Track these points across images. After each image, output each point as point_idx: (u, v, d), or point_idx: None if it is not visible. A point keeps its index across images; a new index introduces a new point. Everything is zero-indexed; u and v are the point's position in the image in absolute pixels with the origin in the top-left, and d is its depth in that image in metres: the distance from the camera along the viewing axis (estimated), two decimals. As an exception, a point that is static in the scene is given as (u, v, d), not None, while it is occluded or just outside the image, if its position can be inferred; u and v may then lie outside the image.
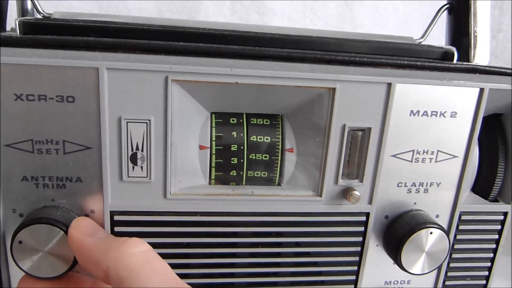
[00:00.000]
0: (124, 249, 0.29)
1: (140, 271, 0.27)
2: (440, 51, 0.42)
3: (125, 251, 0.29)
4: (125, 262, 0.28)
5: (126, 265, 0.28)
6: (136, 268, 0.28)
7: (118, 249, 0.29)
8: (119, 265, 0.28)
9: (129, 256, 0.28)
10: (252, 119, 0.37)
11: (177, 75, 0.32)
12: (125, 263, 0.28)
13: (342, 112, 0.35)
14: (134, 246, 0.29)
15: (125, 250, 0.29)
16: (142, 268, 0.28)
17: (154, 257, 0.29)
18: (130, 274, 0.27)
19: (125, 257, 0.28)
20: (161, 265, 0.29)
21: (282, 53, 0.35)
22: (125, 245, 0.29)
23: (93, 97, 0.32)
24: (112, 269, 0.28)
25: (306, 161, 0.37)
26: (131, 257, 0.28)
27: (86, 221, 0.33)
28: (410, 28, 0.85)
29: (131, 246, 0.29)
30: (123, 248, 0.29)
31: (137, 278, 0.27)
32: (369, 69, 0.35)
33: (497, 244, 0.43)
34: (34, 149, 0.32)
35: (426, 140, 0.37)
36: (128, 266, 0.28)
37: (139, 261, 0.28)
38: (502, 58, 0.88)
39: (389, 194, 0.39)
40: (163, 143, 0.34)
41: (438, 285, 0.43)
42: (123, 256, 0.28)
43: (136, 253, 0.29)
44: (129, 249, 0.29)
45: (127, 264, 0.28)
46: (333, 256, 0.40)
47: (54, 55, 0.31)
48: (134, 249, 0.29)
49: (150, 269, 0.28)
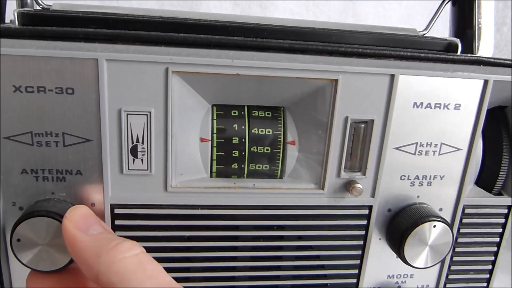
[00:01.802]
0: (116, 253, 0.28)
1: (132, 276, 0.27)
2: (444, 43, 0.41)
3: (116, 255, 0.28)
4: (116, 267, 0.27)
5: (117, 270, 0.27)
6: (128, 273, 0.27)
7: (109, 253, 0.28)
8: (110, 270, 0.27)
9: (120, 261, 0.28)
10: (253, 111, 0.37)
11: (177, 67, 0.32)
12: (117, 268, 0.27)
13: (344, 104, 0.35)
14: (126, 250, 0.28)
15: (117, 254, 0.28)
16: (134, 273, 0.27)
17: (147, 260, 0.28)
18: (121, 280, 0.27)
19: (117, 261, 0.27)
20: (154, 268, 0.28)
21: (284, 44, 0.34)
22: (117, 249, 0.28)
23: (92, 89, 0.31)
24: (103, 274, 0.27)
25: (308, 154, 0.37)
26: (122, 262, 0.28)
27: (81, 210, 0.31)
28: (414, 21, 0.84)
29: (123, 250, 0.28)
30: (115, 253, 0.28)
31: (129, 283, 0.26)
32: (372, 61, 0.35)
33: (501, 238, 0.43)
34: (33, 141, 0.32)
35: (429, 132, 0.37)
36: (119, 271, 0.27)
37: (131, 265, 0.27)
38: (506, 51, 0.87)
39: (392, 187, 0.38)
40: (164, 136, 0.34)
41: (441, 278, 0.43)
42: (115, 261, 0.27)
43: (128, 257, 0.28)
44: (120, 253, 0.28)
45: (119, 269, 0.27)
46: (335, 250, 0.39)
47: (53, 46, 0.31)
48: (125, 253, 0.28)
49: (142, 273, 0.27)
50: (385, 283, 0.42)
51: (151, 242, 0.36)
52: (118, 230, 0.35)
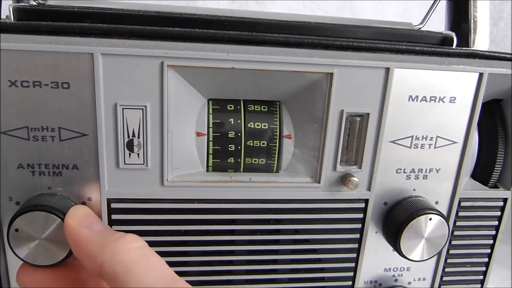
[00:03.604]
0: (120, 244, 0.28)
1: (136, 267, 0.27)
2: (439, 36, 0.41)
3: (121, 246, 0.28)
4: (121, 258, 0.28)
5: (122, 260, 0.27)
6: (132, 264, 0.27)
7: (114, 244, 0.28)
8: (114, 260, 0.27)
9: (125, 252, 0.28)
10: (249, 105, 0.37)
11: (172, 61, 0.32)
12: (121, 258, 0.28)
13: (340, 97, 0.35)
14: (130, 241, 0.29)
15: (121, 245, 0.28)
16: (138, 263, 0.27)
17: (150, 253, 0.29)
18: (125, 270, 0.27)
19: (121, 252, 0.28)
20: (157, 260, 0.29)
21: (279, 38, 0.34)
22: (121, 240, 0.29)
23: (88, 83, 0.32)
24: (107, 264, 0.27)
25: (304, 147, 0.37)
26: (127, 253, 0.28)
27: (83, 210, 0.32)
28: (411, 16, 0.84)
29: (127, 242, 0.29)
30: (119, 243, 0.28)
31: (132, 273, 0.27)
32: (367, 54, 0.35)
33: (497, 231, 0.43)
34: (29, 136, 0.32)
35: (425, 125, 0.37)
36: (124, 262, 0.27)
37: (135, 256, 0.28)
38: (503, 46, 0.87)
39: (388, 181, 0.38)
40: (160, 130, 0.34)
41: (438, 271, 0.43)
42: (119, 251, 0.28)
43: (132, 248, 0.28)
44: (125, 244, 0.28)
45: (123, 259, 0.28)
46: (332, 243, 0.40)
47: (49, 41, 0.31)
48: (130, 244, 0.29)
49: (146, 264, 0.28)
50: (381, 276, 0.42)
51: (148, 236, 0.36)
52: (115, 225, 0.35)
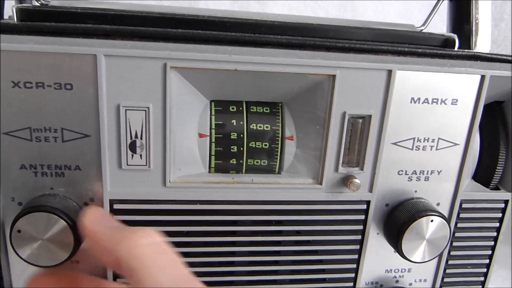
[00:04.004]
0: (137, 239, 0.28)
1: (151, 263, 0.26)
2: (441, 38, 0.41)
3: (137, 241, 0.28)
4: (137, 253, 0.27)
5: (137, 256, 0.27)
6: (148, 260, 0.27)
7: (130, 239, 0.28)
8: (130, 255, 0.27)
9: (141, 247, 0.27)
10: (252, 107, 0.37)
11: (175, 62, 0.32)
12: (137, 254, 0.27)
13: (342, 99, 0.35)
14: (147, 236, 0.28)
15: (138, 240, 0.28)
16: (154, 260, 0.27)
17: (167, 249, 0.28)
18: (141, 265, 0.26)
19: (137, 247, 0.27)
20: (173, 258, 0.28)
21: (282, 40, 0.34)
22: (138, 235, 0.28)
23: (91, 84, 0.32)
24: (124, 259, 0.27)
25: (306, 149, 0.37)
26: (143, 248, 0.27)
27: (98, 209, 0.32)
28: (412, 17, 0.84)
29: (144, 236, 0.28)
30: (136, 238, 0.28)
31: (148, 270, 0.26)
32: (370, 56, 0.35)
33: (498, 232, 0.43)
34: (32, 137, 0.32)
35: (427, 127, 0.37)
36: (139, 257, 0.27)
37: (151, 253, 0.27)
38: (504, 47, 0.87)
39: (390, 182, 0.38)
40: (162, 131, 0.34)
41: (439, 273, 0.43)
42: (135, 247, 0.27)
43: (149, 244, 0.28)
44: (141, 239, 0.28)
45: (139, 255, 0.27)
46: (333, 245, 0.40)
47: (52, 42, 0.31)
48: (146, 239, 0.28)
49: (162, 261, 0.27)
50: (383, 277, 0.42)
51: (150, 237, 0.36)
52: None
